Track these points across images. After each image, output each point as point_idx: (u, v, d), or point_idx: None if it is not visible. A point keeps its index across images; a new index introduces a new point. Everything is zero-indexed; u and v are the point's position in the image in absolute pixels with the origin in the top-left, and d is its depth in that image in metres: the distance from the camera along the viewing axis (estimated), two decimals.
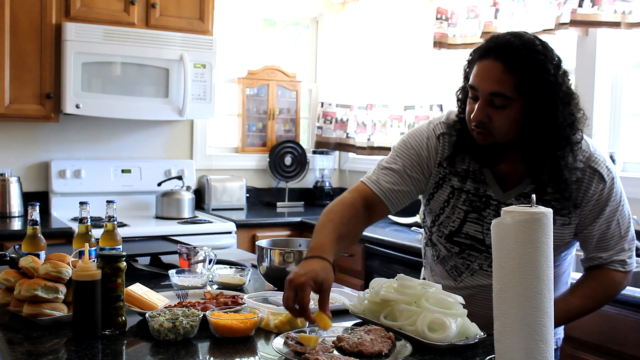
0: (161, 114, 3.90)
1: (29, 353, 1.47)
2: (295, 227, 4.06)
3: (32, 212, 1.98)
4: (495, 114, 1.65)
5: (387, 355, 1.44)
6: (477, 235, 1.80)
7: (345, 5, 4.58)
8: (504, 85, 1.62)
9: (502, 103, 1.63)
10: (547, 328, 1.23)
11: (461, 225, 1.82)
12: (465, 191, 1.80)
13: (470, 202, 1.80)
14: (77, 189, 3.92)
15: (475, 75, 1.67)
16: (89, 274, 1.55)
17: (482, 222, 1.79)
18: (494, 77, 1.63)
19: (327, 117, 4.71)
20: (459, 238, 1.83)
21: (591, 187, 1.73)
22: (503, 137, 1.68)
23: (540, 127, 1.65)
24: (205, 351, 1.51)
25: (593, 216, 1.75)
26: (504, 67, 1.61)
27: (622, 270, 1.80)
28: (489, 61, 1.64)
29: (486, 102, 1.65)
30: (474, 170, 1.80)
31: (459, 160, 1.81)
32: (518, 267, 1.22)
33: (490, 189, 1.78)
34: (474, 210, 1.80)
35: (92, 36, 3.62)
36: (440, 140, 1.82)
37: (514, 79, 1.61)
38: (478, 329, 1.57)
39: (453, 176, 1.82)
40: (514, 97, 1.62)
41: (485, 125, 1.66)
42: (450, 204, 1.82)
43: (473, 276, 1.83)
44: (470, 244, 1.82)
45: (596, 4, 2.96)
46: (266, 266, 2.07)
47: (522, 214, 1.23)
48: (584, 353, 2.39)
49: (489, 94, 1.64)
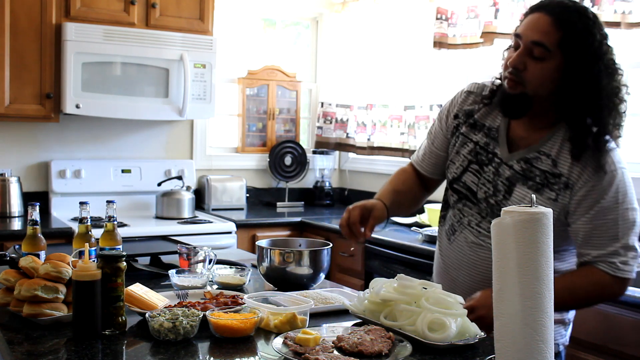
0: (161, 114, 3.90)
1: (29, 353, 1.47)
2: (295, 227, 4.06)
3: (32, 212, 1.98)
4: (532, 64, 1.69)
5: (387, 355, 1.44)
6: (472, 186, 1.88)
7: (345, 5, 4.58)
8: (548, 37, 1.66)
9: (541, 54, 1.68)
10: (547, 328, 1.23)
11: (462, 173, 1.91)
12: (474, 142, 1.89)
13: (476, 153, 1.88)
14: (77, 189, 3.93)
15: (524, 24, 1.73)
16: (89, 274, 1.55)
17: (480, 176, 1.86)
18: (540, 27, 1.68)
19: (327, 117, 4.71)
20: (458, 185, 1.92)
21: (586, 173, 1.71)
22: (533, 89, 1.71)
23: (577, 89, 1.68)
24: (205, 351, 1.51)
25: (586, 206, 1.71)
26: (553, 21, 1.67)
27: (610, 272, 1.70)
28: (540, 14, 1.70)
29: (526, 50, 1.70)
30: (490, 127, 1.88)
31: (480, 115, 1.90)
32: (518, 267, 1.22)
33: (499, 147, 1.84)
34: (476, 162, 1.87)
35: (92, 36, 3.62)
36: (467, 95, 1.96)
37: (560, 34, 1.66)
38: (478, 329, 1.57)
39: (465, 126, 1.92)
40: (555, 52, 1.67)
41: (519, 73, 1.71)
42: (459, 152, 1.93)
43: (463, 232, 1.89)
44: (465, 194, 1.89)
45: (596, 4, 2.96)
46: (266, 266, 2.07)
47: (522, 214, 1.23)
48: (584, 353, 2.39)
49: (530, 42, 1.68)
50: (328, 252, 2.09)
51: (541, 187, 1.76)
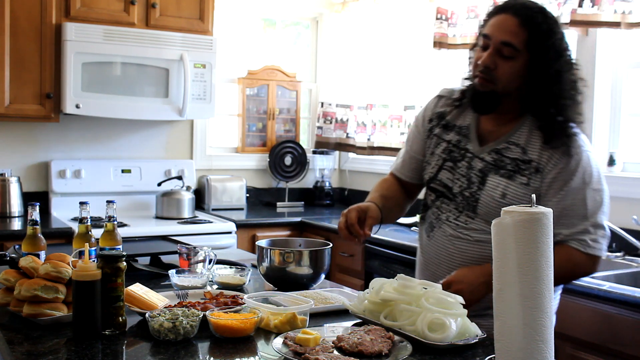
0: (161, 114, 3.90)
1: (29, 353, 1.47)
2: (295, 227, 4.06)
3: (32, 212, 1.98)
4: (501, 62, 1.81)
5: (387, 355, 1.44)
6: (448, 183, 1.96)
7: (345, 5, 4.58)
8: (516, 38, 1.78)
9: (510, 54, 1.79)
10: (547, 328, 1.23)
11: (437, 172, 1.99)
12: (446, 141, 1.99)
13: (449, 151, 1.98)
14: (77, 189, 3.92)
15: (491, 25, 1.84)
16: (89, 274, 1.55)
17: (454, 172, 1.95)
18: (508, 28, 1.79)
19: (327, 117, 4.71)
20: (434, 184, 2.00)
21: (554, 157, 1.81)
22: (503, 86, 1.83)
23: (542, 83, 1.80)
24: (205, 351, 1.51)
25: (556, 188, 1.81)
26: (519, 21, 1.79)
27: (582, 250, 1.80)
28: (506, 15, 1.81)
29: (495, 51, 1.81)
30: (461, 126, 1.98)
31: (452, 116, 2.00)
32: (518, 267, 1.22)
33: (470, 143, 1.94)
34: (450, 160, 1.97)
35: (92, 36, 3.62)
36: (438, 99, 2.07)
37: (526, 34, 1.78)
38: (478, 329, 1.57)
39: (438, 128, 2.02)
40: (522, 51, 1.79)
41: (489, 71, 1.82)
42: (433, 152, 2.02)
43: (441, 229, 1.96)
44: (441, 192, 1.97)
45: (596, 4, 2.96)
46: (266, 266, 2.07)
47: (522, 214, 1.23)
48: (584, 353, 2.39)
49: (500, 43, 1.80)
50: (328, 252, 2.09)
51: (513, 174, 1.85)
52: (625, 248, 2.91)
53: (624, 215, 2.96)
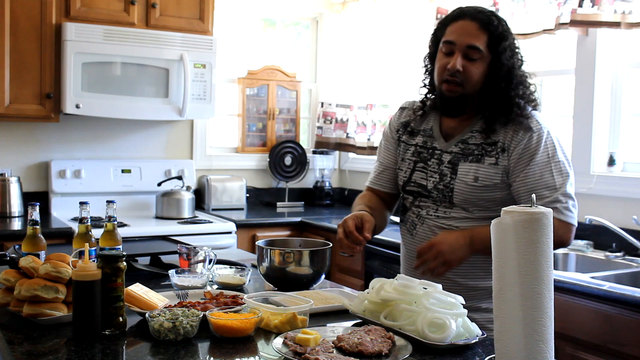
0: (161, 114, 3.90)
1: (29, 353, 1.47)
2: (295, 227, 4.06)
3: (32, 212, 1.98)
4: (468, 65, 1.92)
5: (387, 355, 1.44)
6: (422, 182, 2.05)
7: (345, 5, 4.58)
8: (479, 40, 1.91)
9: (476, 56, 1.92)
10: (547, 328, 1.23)
11: (411, 175, 2.08)
12: (414, 144, 2.10)
13: (418, 153, 2.08)
14: (77, 189, 3.92)
15: (452, 32, 1.95)
16: (89, 274, 1.55)
17: (427, 170, 2.04)
18: (470, 33, 1.92)
19: (327, 117, 4.71)
20: (410, 187, 2.09)
21: (518, 135, 1.92)
22: (471, 87, 1.94)
23: (502, 79, 1.93)
24: (205, 351, 1.51)
25: (523, 163, 1.91)
26: (479, 25, 1.92)
27: (555, 216, 1.82)
28: (465, 21, 1.94)
29: (462, 55, 1.92)
30: (425, 129, 2.10)
31: (415, 123, 2.13)
32: (518, 267, 1.22)
33: (436, 141, 2.05)
34: (421, 160, 2.07)
35: (92, 36, 3.62)
36: (401, 111, 2.21)
37: (487, 36, 1.92)
38: (478, 329, 1.58)
39: (404, 135, 2.14)
40: (485, 52, 1.92)
41: (458, 74, 1.92)
42: (405, 158, 2.11)
43: (423, 225, 2.04)
44: (418, 192, 2.06)
45: (596, 4, 2.96)
46: (266, 266, 2.07)
47: (522, 214, 1.23)
48: (584, 353, 2.39)
49: (466, 47, 1.92)
50: (328, 252, 2.09)
51: (481, 157, 1.96)
52: (625, 248, 2.91)
53: (624, 215, 2.96)
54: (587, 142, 3.19)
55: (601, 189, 3.11)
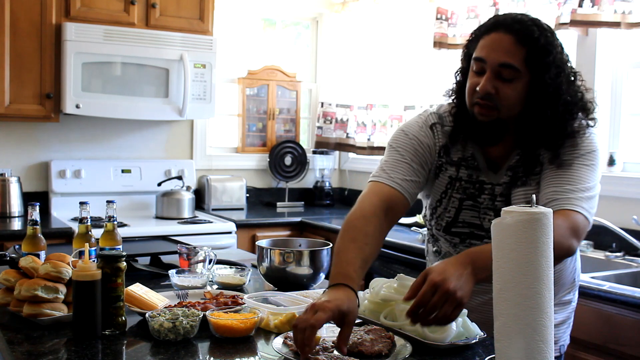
0: (161, 114, 3.90)
1: (29, 353, 1.47)
2: (295, 227, 4.06)
3: (32, 212, 1.98)
4: (502, 86, 1.63)
5: (387, 355, 1.44)
6: (475, 221, 1.78)
7: (345, 5, 4.58)
8: (514, 57, 1.61)
9: (511, 75, 1.62)
10: (547, 328, 1.23)
11: (457, 214, 1.80)
12: (459, 179, 1.79)
13: (464, 189, 1.78)
14: (77, 189, 3.92)
15: (483, 47, 1.65)
16: (89, 274, 1.55)
17: (479, 208, 1.77)
18: (504, 48, 1.62)
19: (327, 117, 4.71)
20: (457, 228, 1.81)
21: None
22: (507, 111, 1.66)
23: (546, 102, 1.63)
24: (205, 351, 1.51)
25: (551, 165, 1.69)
26: (514, 39, 1.61)
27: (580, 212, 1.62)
28: (499, 34, 1.63)
29: (494, 74, 1.63)
30: (466, 157, 1.78)
31: (453, 149, 1.79)
32: (518, 267, 1.22)
33: (483, 174, 1.77)
34: (468, 198, 1.78)
35: (92, 36, 3.62)
36: (434, 130, 1.81)
37: (524, 51, 1.61)
38: (478, 329, 1.57)
39: (450, 166, 1.80)
40: (523, 70, 1.62)
41: (491, 97, 1.64)
42: (448, 195, 1.80)
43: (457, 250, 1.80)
44: (469, 232, 1.79)
45: (596, 4, 2.96)
46: (266, 266, 2.07)
47: (522, 214, 1.23)
48: (584, 353, 2.39)
49: (497, 66, 1.62)
50: (328, 252, 2.08)
51: (527, 179, 1.72)
52: (625, 248, 2.91)
53: (624, 215, 2.96)
54: None
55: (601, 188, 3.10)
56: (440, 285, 1.40)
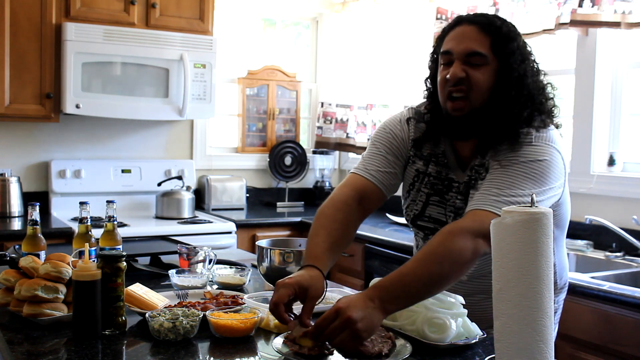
0: (161, 114, 3.90)
1: (29, 353, 1.47)
2: (295, 227, 4.06)
3: (32, 212, 1.98)
4: (472, 71, 1.65)
5: (387, 355, 1.44)
6: (440, 217, 1.81)
7: (345, 5, 4.58)
8: (481, 45, 1.65)
9: (479, 62, 1.65)
10: (547, 328, 1.23)
11: (424, 208, 1.83)
12: (427, 174, 1.81)
13: (432, 185, 1.80)
14: (77, 189, 3.92)
15: (449, 41, 1.69)
16: (89, 274, 1.55)
17: (445, 205, 1.79)
18: (469, 37, 1.66)
19: (327, 117, 4.71)
20: (423, 222, 1.85)
21: None
22: (478, 98, 1.65)
23: (511, 88, 1.64)
24: (205, 351, 1.51)
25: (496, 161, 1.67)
26: (478, 28, 1.66)
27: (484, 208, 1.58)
28: (463, 26, 1.69)
29: (462, 62, 1.65)
30: (437, 153, 1.80)
31: (425, 145, 1.81)
32: (518, 267, 1.22)
33: (452, 171, 1.78)
34: (435, 193, 1.80)
35: (92, 36, 3.62)
36: (409, 123, 1.84)
37: (489, 39, 1.65)
38: (478, 329, 1.57)
39: (418, 159, 1.83)
40: (490, 57, 1.65)
41: (462, 81, 1.64)
42: (415, 187, 1.84)
43: None
44: (433, 227, 1.82)
45: (596, 4, 2.96)
46: (266, 266, 2.07)
47: (522, 214, 1.23)
48: (584, 353, 2.39)
49: (465, 55, 1.65)
50: None
51: (475, 183, 1.71)
52: (625, 248, 2.91)
53: (624, 215, 2.96)
54: (587, 142, 3.19)
55: (601, 189, 3.11)
56: (342, 312, 1.38)
